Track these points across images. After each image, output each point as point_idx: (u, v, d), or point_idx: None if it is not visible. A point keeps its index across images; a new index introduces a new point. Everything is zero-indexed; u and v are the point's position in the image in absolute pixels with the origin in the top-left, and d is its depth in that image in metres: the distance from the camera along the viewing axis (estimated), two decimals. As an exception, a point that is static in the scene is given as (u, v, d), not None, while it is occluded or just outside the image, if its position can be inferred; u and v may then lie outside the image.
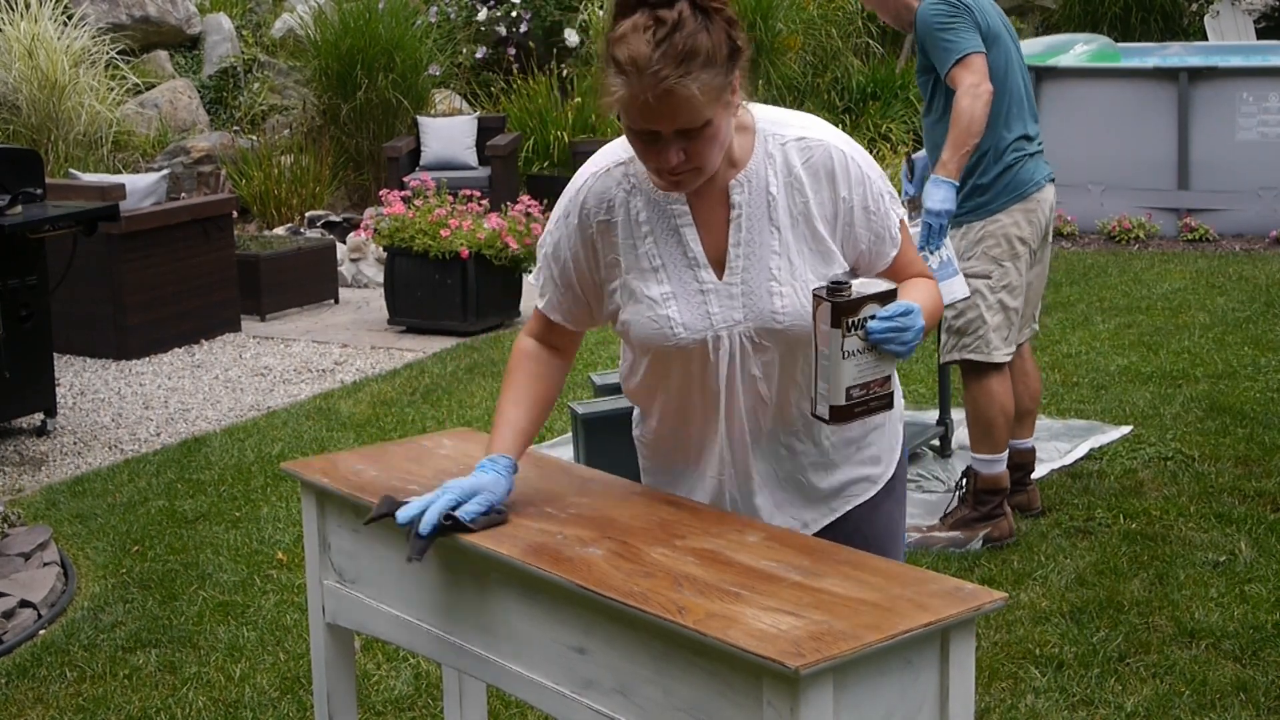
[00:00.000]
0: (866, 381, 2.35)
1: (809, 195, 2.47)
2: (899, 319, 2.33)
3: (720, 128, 2.36)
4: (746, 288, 2.48)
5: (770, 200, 2.47)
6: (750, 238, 2.48)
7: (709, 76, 2.30)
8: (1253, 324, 7.42)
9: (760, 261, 2.48)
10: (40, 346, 6.42)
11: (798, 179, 2.47)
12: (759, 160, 2.48)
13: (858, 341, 2.32)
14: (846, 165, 2.49)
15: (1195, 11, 14.97)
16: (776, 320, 2.47)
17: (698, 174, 2.40)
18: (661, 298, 2.50)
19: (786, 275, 2.47)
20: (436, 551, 2.55)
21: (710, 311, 2.49)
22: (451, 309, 8.17)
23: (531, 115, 12.12)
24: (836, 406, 2.35)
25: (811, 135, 2.50)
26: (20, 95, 9.99)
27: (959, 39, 4.61)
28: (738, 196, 2.48)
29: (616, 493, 2.67)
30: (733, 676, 2.05)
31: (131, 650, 4.28)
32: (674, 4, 2.31)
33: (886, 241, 2.53)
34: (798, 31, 13.34)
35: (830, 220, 2.49)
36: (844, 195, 2.48)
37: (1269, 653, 3.96)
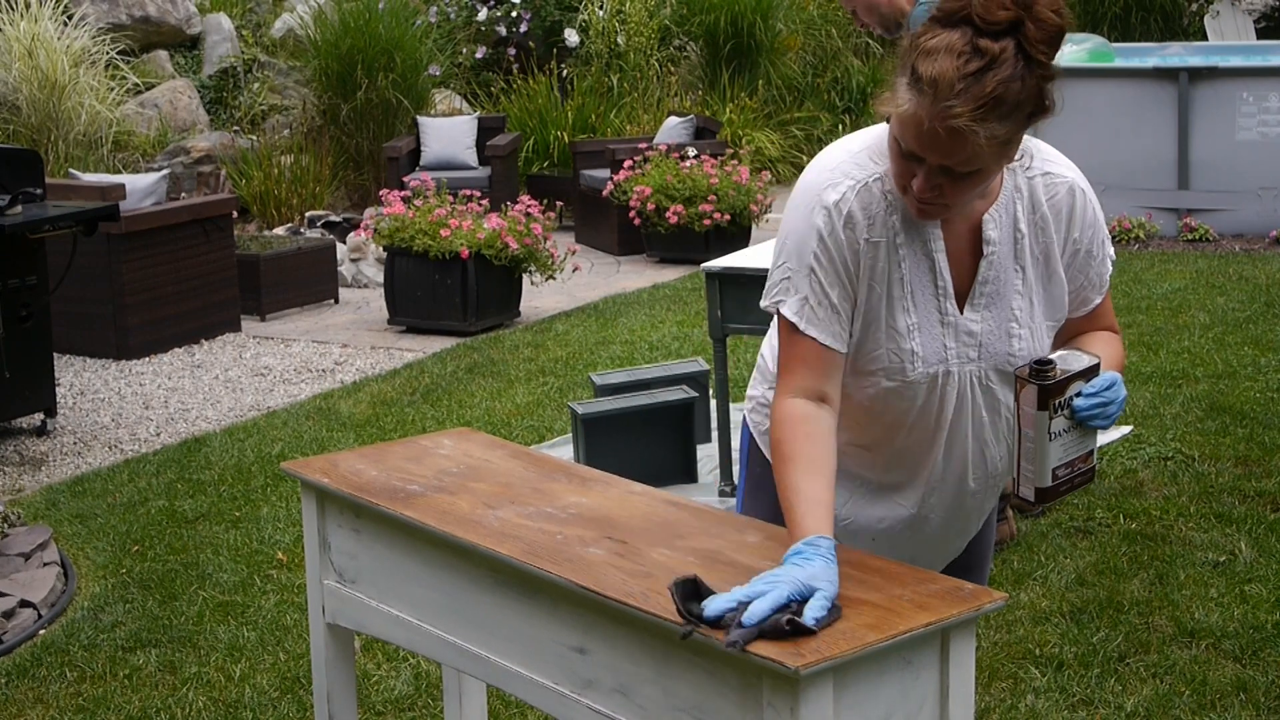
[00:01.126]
0: (1071, 460, 2.29)
1: (1053, 235, 2.38)
2: (1104, 393, 2.25)
3: (989, 177, 2.26)
4: (986, 326, 2.37)
5: (1018, 238, 2.37)
6: (998, 276, 2.36)
7: (1001, 128, 2.16)
8: (1253, 324, 7.42)
9: (1004, 301, 2.37)
10: (40, 346, 6.42)
11: (1044, 218, 2.37)
12: (1009, 194, 2.37)
13: (1064, 422, 2.25)
14: (1085, 205, 2.40)
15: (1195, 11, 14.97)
16: (1011, 362, 2.37)
17: (944, 210, 2.28)
18: (907, 330, 2.35)
19: (1026, 317, 2.38)
20: (437, 552, 2.55)
21: (946, 345, 2.36)
22: (451, 309, 8.17)
23: (531, 115, 12.12)
24: (1043, 489, 2.28)
25: (1056, 171, 2.40)
26: (20, 95, 9.99)
27: None
28: (991, 232, 2.35)
29: (616, 493, 2.67)
30: (733, 676, 2.05)
31: (131, 650, 4.28)
32: (1001, 38, 2.14)
33: (1095, 288, 2.45)
34: (798, 31, 13.35)
35: (1061, 255, 2.40)
36: (1076, 236, 2.40)
37: (1269, 653, 3.96)
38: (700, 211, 9.68)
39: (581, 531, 2.46)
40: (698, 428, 5.67)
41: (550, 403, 6.61)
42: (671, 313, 8.33)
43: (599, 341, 7.72)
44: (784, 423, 2.31)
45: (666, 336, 7.71)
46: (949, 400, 2.38)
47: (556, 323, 8.29)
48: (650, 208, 9.83)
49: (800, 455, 2.27)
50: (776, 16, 12.95)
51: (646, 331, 7.86)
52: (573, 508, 2.58)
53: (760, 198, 9.86)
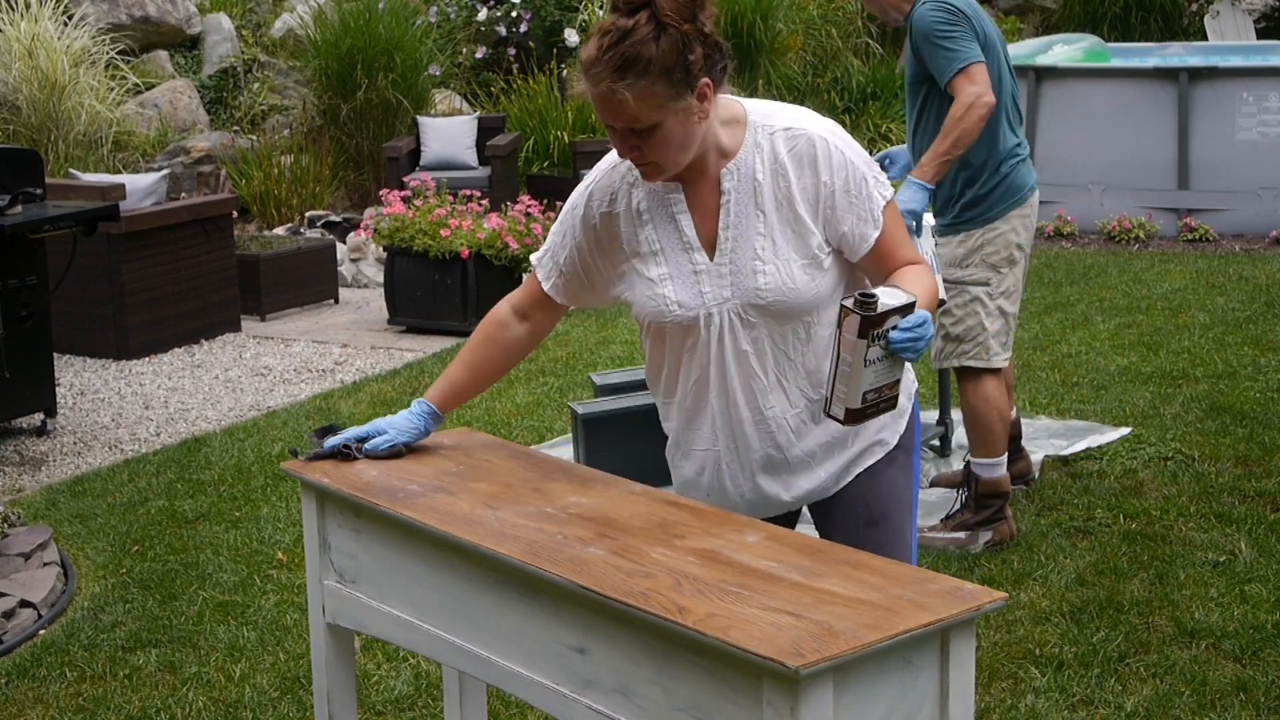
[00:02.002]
0: (880, 386, 2.51)
1: (792, 180, 2.65)
2: (916, 329, 2.47)
3: (672, 132, 2.54)
4: (734, 267, 2.67)
5: (757, 186, 2.65)
6: (738, 221, 2.67)
7: (647, 84, 2.49)
8: (1253, 324, 7.42)
9: (746, 243, 2.66)
10: (40, 346, 6.42)
11: (782, 165, 2.65)
12: (748, 150, 2.66)
13: (879, 351, 2.48)
14: (829, 151, 2.65)
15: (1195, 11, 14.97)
16: (759, 296, 2.65)
17: (657, 169, 2.61)
18: (659, 278, 2.70)
19: (770, 254, 2.65)
20: (437, 552, 2.55)
21: (702, 290, 2.68)
22: (451, 309, 8.17)
23: (531, 115, 12.12)
24: (852, 410, 2.51)
25: (797, 125, 2.67)
26: (20, 95, 9.99)
27: (961, 48, 4.58)
28: (727, 184, 2.67)
29: (616, 493, 2.67)
30: (733, 676, 2.05)
31: (131, 650, 4.28)
32: (635, 13, 2.50)
33: (869, 223, 2.67)
34: (798, 31, 13.35)
35: (812, 204, 2.65)
36: (825, 179, 2.64)
37: (1269, 653, 3.96)
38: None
39: (581, 531, 2.46)
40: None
41: (550, 403, 6.61)
42: (671, 313, 8.32)
43: (599, 341, 7.72)
44: (486, 318, 2.94)
45: (666, 336, 7.71)
46: (713, 336, 2.69)
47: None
48: (650, 208, 9.81)
49: (469, 345, 2.93)
50: (776, 16, 12.94)
51: (646, 331, 7.86)
52: (573, 508, 2.58)
53: (760, 198, 9.84)
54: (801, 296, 2.65)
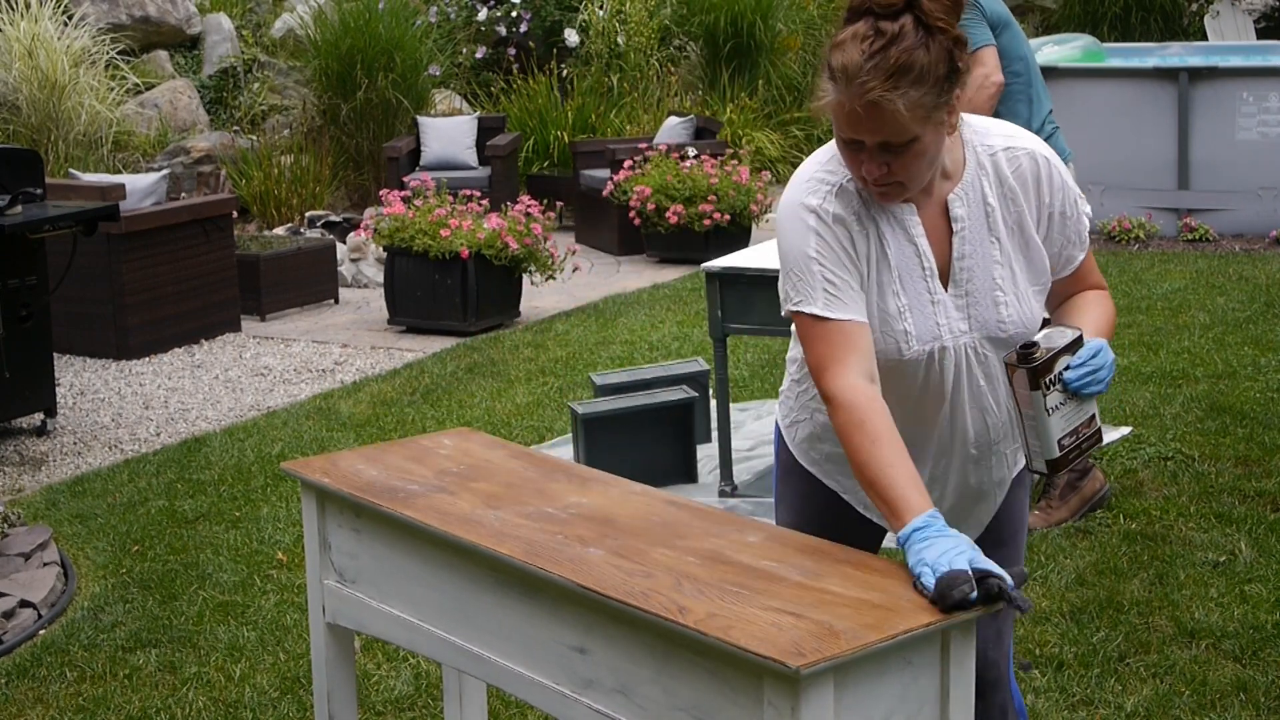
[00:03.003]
0: (1075, 428, 2.42)
1: (1022, 204, 2.53)
2: (1090, 362, 2.39)
3: (928, 146, 2.39)
4: (971, 299, 2.51)
5: (989, 211, 2.52)
6: (973, 249, 2.51)
7: (919, 94, 2.32)
8: (1253, 324, 7.42)
9: (984, 272, 2.51)
10: (40, 346, 6.42)
11: (1011, 189, 2.53)
12: (973, 172, 2.52)
13: (1058, 396, 2.39)
14: (1051, 172, 2.54)
15: (1195, 11, 14.97)
16: (1002, 329, 2.52)
17: (901, 189, 2.43)
18: (898, 311, 2.49)
19: (1009, 285, 2.52)
20: (437, 552, 2.55)
21: (939, 323, 2.51)
22: (451, 309, 8.16)
23: (531, 115, 12.12)
24: (1053, 460, 2.41)
25: (1017, 144, 2.55)
26: (20, 95, 9.99)
27: (969, 33, 4.65)
28: (959, 210, 2.51)
29: (616, 493, 2.67)
30: (733, 676, 2.05)
31: (131, 650, 4.28)
32: (899, 17, 2.33)
33: (1076, 245, 2.59)
34: (798, 31, 13.35)
35: (1035, 223, 2.54)
36: (1047, 201, 2.54)
37: (1269, 653, 3.95)
38: (700, 211, 9.68)
39: (581, 531, 2.46)
40: (698, 428, 5.67)
41: (550, 403, 6.61)
42: (671, 313, 8.33)
43: (599, 341, 7.72)
44: (855, 406, 2.39)
45: (666, 336, 7.71)
46: (948, 373, 2.52)
47: (556, 323, 8.29)
48: (650, 208, 9.83)
49: (884, 433, 2.37)
50: (776, 16, 12.94)
51: (646, 331, 7.86)
52: (573, 508, 2.58)
53: (760, 198, 9.85)
54: (1034, 326, 2.53)
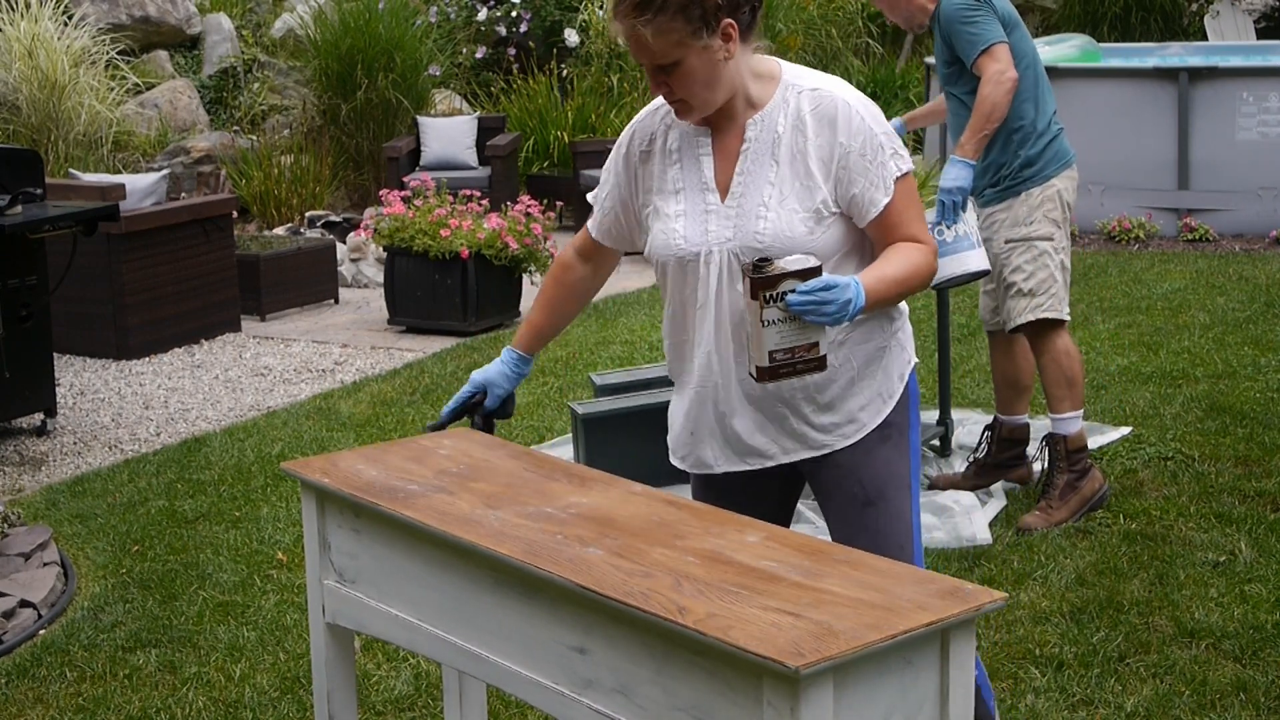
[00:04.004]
0: (791, 347, 2.63)
1: (810, 136, 2.78)
2: (818, 293, 2.60)
3: (695, 69, 2.72)
4: (739, 210, 2.81)
5: (776, 138, 2.80)
6: (752, 169, 2.81)
7: (665, 21, 2.67)
8: (1253, 324, 7.42)
9: (755, 189, 2.80)
10: (40, 346, 6.42)
11: (803, 122, 2.79)
12: (775, 104, 2.82)
13: (778, 312, 2.60)
14: (850, 115, 2.78)
15: (1195, 11, 14.97)
16: (757, 239, 2.77)
17: (688, 107, 2.78)
18: (675, 215, 2.86)
19: (775, 203, 2.78)
20: (437, 552, 2.55)
21: (708, 228, 2.82)
22: (451, 309, 8.17)
23: (531, 115, 12.12)
24: (762, 368, 2.64)
25: (824, 87, 2.82)
26: (20, 95, 9.99)
27: (983, 30, 4.83)
28: (750, 133, 2.82)
29: (616, 493, 2.67)
30: (733, 676, 2.05)
31: (131, 650, 4.28)
32: None
33: (880, 189, 2.78)
34: (798, 31, 13.34)
35: (825, 161, 2.78)
36: (842, 140, 2.77)
37: (1269, 653, 3.96)
38: (700, 211, 9.67)
39: (581, 531, 2.46)
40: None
41: (550, 403, 6.61)
42: (671, 313, 8.32)
43: (599, 341, 7.72)
44: (553, 264, 3.19)
45: (666, 336, 7.71)
46: (711, 274, 2.82)
47: (556, 323, 8.28)
48: (650, 208, 9.82)
49: (542, 291, 3.19)
50: (776, 16, 12.94)
51: (646, 331, 7.87)
52: (573, 508, 2.58)
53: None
54: (796, 245, 2.74)
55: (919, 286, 2.82)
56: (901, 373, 2.93)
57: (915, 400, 2.97)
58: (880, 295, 2.72)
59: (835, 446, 2.89)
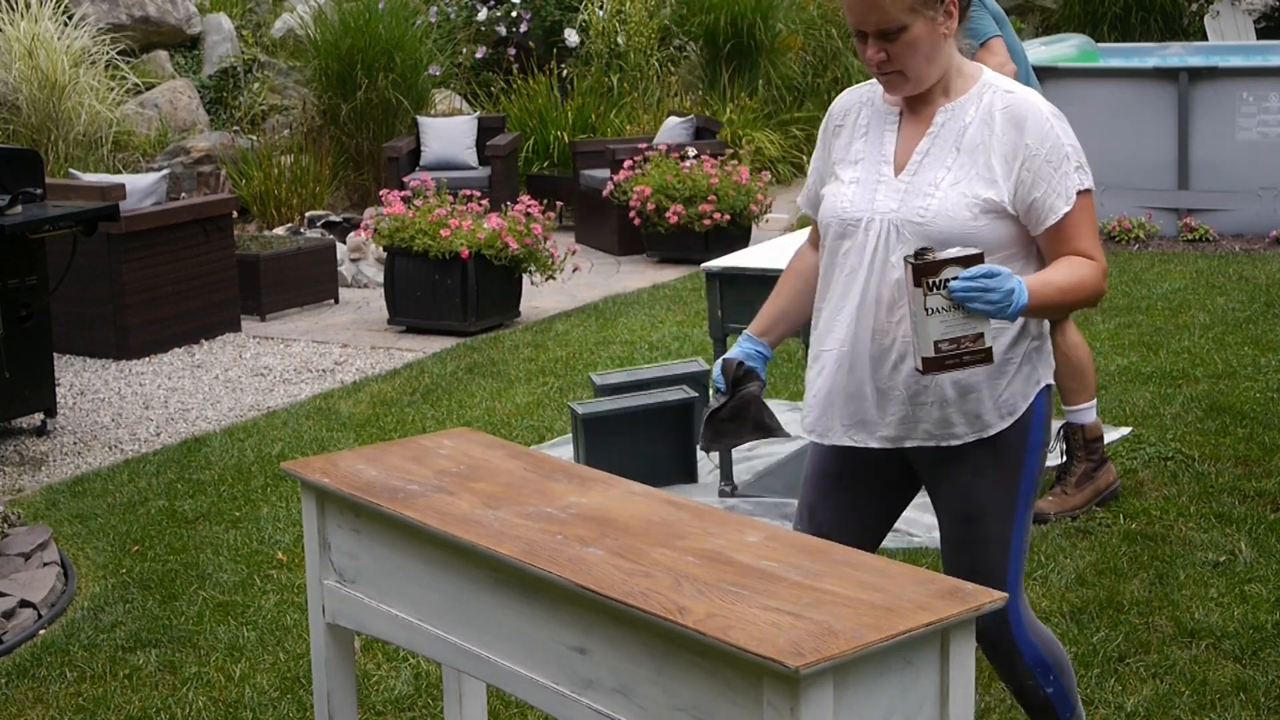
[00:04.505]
0: (956, 337, 2.63)
1: (996, 133, 2.82)
2: (981, 280, 2.62)
3: (919, 38, 2.78)
4: (909, 186, 2.85)
5: (962, 127, 2.85)
6: (933, 151, 2.86)
7: None
8: (1253, 324, 7.42)
9: (930, 170, 2.85)
10: (40, 346, 6.42)
11: (992, 119, 2.83)
12: (969, 98, 2.87)
13: (941, 300, 2.61)
14: (1040, 120, 2.82)
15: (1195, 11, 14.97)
16: (920, 214, 2.81)
17: (901, 78, 2.83)
18: (849, 181, 2.93)
19: (946, 185, 2.82)
20: (437, 552, 2.55)
21: (876, 197, 2.88)
22: (451, 309, 8.16)
23: (531, 115, 12.12)
24: (926, 358, 2.64)
25: (1021, 93, 2.87)
26: (20, 95, 9.99)
27: (978, 24, 4.83)
28: (939, 119, 2.88)
29: (616, 493, 2.67)
30: (733, 676, 2.05)
31: (131, 650, 4.28)
32: None
33: (1060, 199, 2.79)
34: (798, 31, 13.34)
35: (1008, 160, 2.81)
36: (1029, 142, 2.80)
37: (1269, 653, 3.96)
38: (700, 211, 9.68)
39: (581, 531, 2.46)
40: (698, 428, 5.67)
41: (550, 403, 6.61)
42: (671, 313, 8.33)
43: (599, 341, 7.72)
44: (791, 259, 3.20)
45: (666, 336, 7.71)
46: (870, 241, 2.86)
47: (556, 323, 8.29)
48: (650, 208, 9.83)
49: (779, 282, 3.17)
50: (776, 16, 12.94)
51: (646, 331, 7.86)
52: (573, 508, 2.58)
53: (760, 198, 9.85)
54: (956, 228, 2.77)
55: (1084, 302, 2.83)
56: (1028, 392, 2.90)
57: (1039, 424, 2.93)
58: (1043, 299, 2.72)
59: (949, 443, 2.88)
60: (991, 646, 2.98)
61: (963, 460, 2.89)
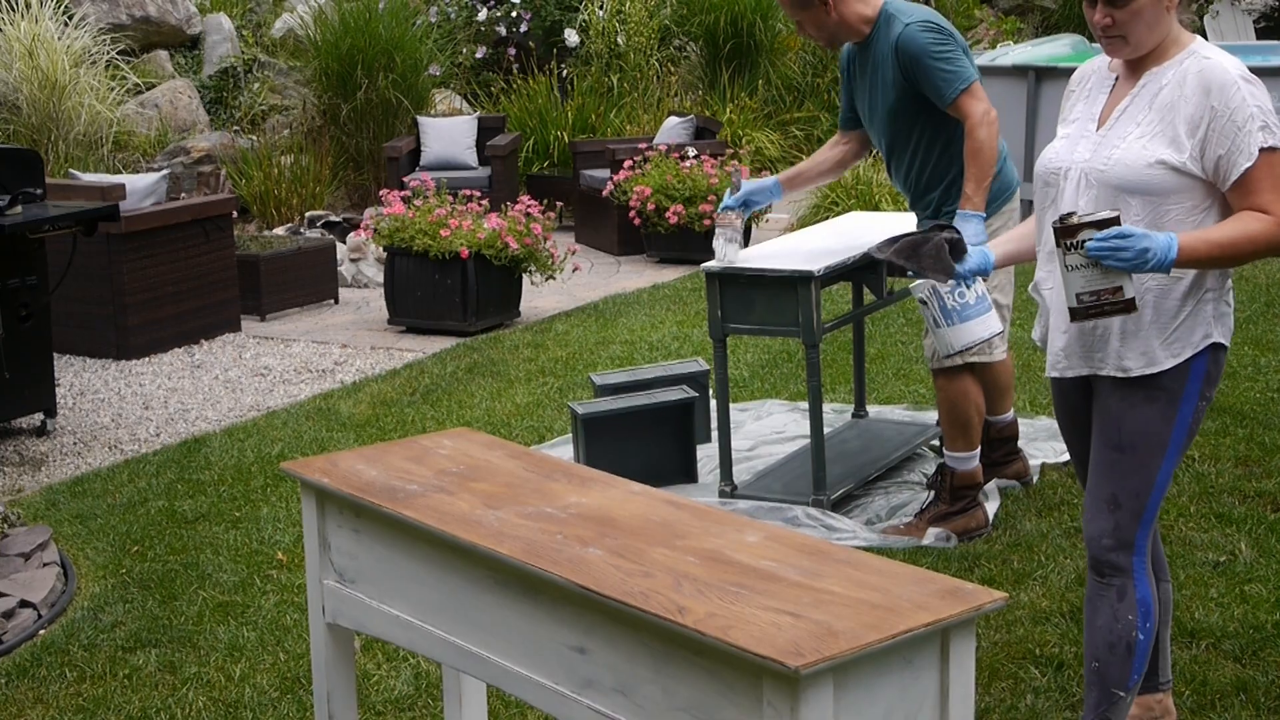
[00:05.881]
0: (1096, 289, 2.96)
1: (1186, 95, 3.05)
2: (1114, 240, 2.92)
3: (1144, 6, 3.03)
4: (1104, 139, 3.14)
5: (1159, 89, 3.10)
6: (1132, 109, 3.13)
7: None
8: (1253, 324, 7.42)
9: (1123, 126, 3.12)
10: (40, 346, 6.42)
11: (1188, 84, 3.06)
12: (1172, 63, 3.11)
13: (1079, 258, 2.94)
14: (1228, 83, 3.02)
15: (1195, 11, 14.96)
16: (1104, 163, 3.11)
17: (1123, 42, 3.09)
18: (1061, 137, 3.25)
19: (1134, 139, 3.09)
20: (437, 552, 2.55)
21: (1076, 149, 3.19)
22: (451, 309, 8.17)
23: (531, 115, 12.12)
24: (1072, 308, 2.99)
25: (1217, 59, 3.08)
26: (20, 95, 9.99)
27: (960, 67, 4.60)
28: (1144, 80, 3.14)
29: (616, 493, 2.67)
30: (733, 676, 2.05)
31: (131, 650, 4.28)
32: None
33: (1242, 155, 3.00)
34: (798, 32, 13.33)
35: (1193, 121, 3.03)
36: (1214, 105, 3.02)
37: (1269, 653, 3.96)
38: (700, 211, 9.68)
39: (581, 531, 2.46)
40: (698, 428, 5.67)
41: (550, 403, 6.61)
42: (671, 313, 8.33)
43: (599, 341, 7.72)
44: None
45: (666, 336, 7.71)
46: (1067, 189, 3.16)
47: (556, 323, 8.29)
48: (650, 208, 9.84)
49: None
50: (776, 16, 12.94)
51: (646, 331, 7.87)
52: (573, 508, 2.58)
53: (760, 198, 9.84)
54: (1134, 175, 3.05)
55: (1253, 254, 3.03)
56: (1195, 342, 3.11)
57: (1199, 377, 3.13)
58: (1198, 254, 2.97)
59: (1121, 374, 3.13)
60: (1113, 571, 3.19)
61: (1127, 392, 3.13)
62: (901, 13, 4.71)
